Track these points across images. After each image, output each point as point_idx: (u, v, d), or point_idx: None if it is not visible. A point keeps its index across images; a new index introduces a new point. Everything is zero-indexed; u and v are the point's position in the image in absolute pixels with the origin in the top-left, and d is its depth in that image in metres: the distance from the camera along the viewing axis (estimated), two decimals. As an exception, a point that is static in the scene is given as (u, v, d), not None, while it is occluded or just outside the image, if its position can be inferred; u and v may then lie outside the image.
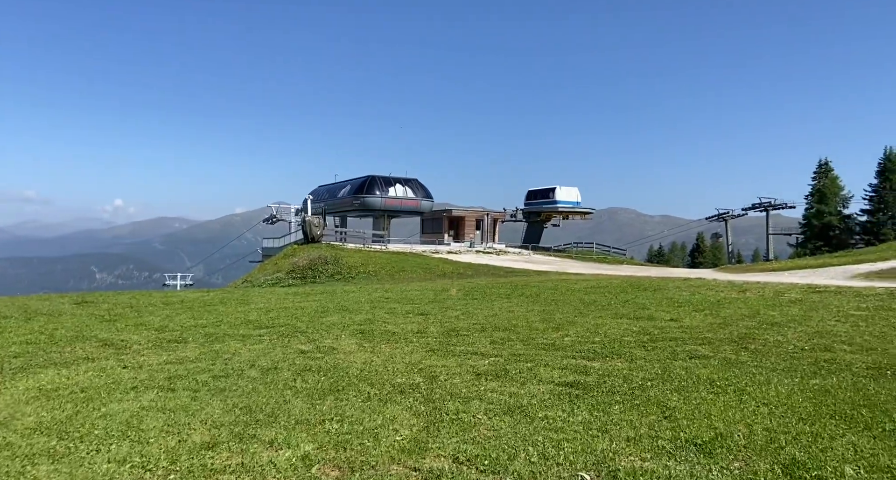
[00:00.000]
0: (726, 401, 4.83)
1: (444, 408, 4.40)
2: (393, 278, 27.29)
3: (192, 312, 10.50)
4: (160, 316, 9.90)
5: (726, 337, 7.80)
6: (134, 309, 11.07)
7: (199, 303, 12.48)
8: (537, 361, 6.28)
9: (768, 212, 52.55)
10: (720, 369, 5.99)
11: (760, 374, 5.79)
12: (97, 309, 11.13)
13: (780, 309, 10.66)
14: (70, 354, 6.19)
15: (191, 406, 4.18)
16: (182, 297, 14.05)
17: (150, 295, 15.17)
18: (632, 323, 9.05)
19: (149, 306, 11.85)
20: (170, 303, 12.47)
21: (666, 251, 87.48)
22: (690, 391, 5.17)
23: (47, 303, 12.85)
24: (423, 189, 44.50)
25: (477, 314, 10.22)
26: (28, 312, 10.61)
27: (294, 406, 4.29)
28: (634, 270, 31.71)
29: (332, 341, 7.38)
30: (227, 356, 6.21)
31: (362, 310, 10.77)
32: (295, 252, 35.62)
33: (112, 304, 12.24)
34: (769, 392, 5.14)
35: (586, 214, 52.60)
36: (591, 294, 14.08)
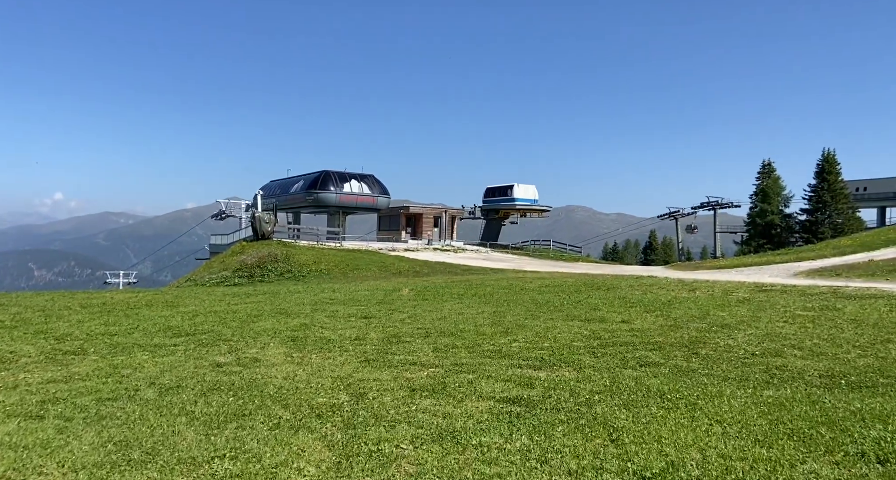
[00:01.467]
0: (677, 419, 4.43)
1: (365, 436, 3.83)
2: (346, 277, 26.46)
3: (109, 316, 9.55)
4: (70, 321, 8.93)
5: (677, 342, 7.51)
6: (44, 314, 10.02)
7: (122, 306, 11.46)
8: (480, 372, 5.78)
9: (716, 210, 54.12)
10: (671, 379, 5.64)
11: (712, 385, 5.45)
12: (3, 314, 10.02)
13: (729, 310, 10.54)
14: (-65, 372, 5.30)
15: (53, 440, 3.47)
16: (106, 299, 12.94)
17: (73, 296, 13.96)
18: (583, 326, 8.69)
19: (63, 309, 10.79)
20: (88, 306, 11.40)
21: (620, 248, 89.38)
22: (640, 406, 4.76)
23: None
24: (379, 185, 43.61)
25: (424, 317, 9.67)
26: (-82, 318, 9.42)
27: (183, 439, 3.62)
28: (589, 268, 31.87)
29: (257, 351, 6.68)
30: (127, 371, 5.45)
31: (301, 314, 10.06)
32: (243, 249, 34.20)
33: (22, 307, 11.09)
34: (722, 406, 4.78)
35: (543, 212, 52.83)
36: (545, 293, 13.75)
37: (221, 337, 7.56)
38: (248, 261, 30.58)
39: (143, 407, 4.27)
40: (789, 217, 55.33)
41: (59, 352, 6.33)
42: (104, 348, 6.63)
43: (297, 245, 34.67)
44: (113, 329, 8.15)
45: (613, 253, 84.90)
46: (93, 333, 7.66)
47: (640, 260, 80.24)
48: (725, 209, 55.11)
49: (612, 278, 18.92)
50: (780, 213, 55.11)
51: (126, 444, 3.47)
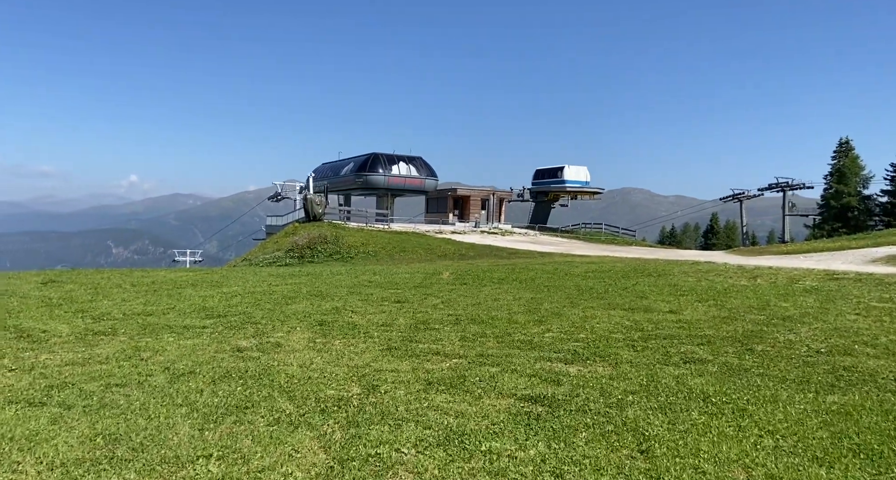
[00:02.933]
0: (721, 428, 3.92)
1: (366, 437, 3.55)
2: (392, 258, 26.49)
3: (152, 296, 9.74)
4: (114, 300, 9.16)
5: (730, 335, 6.86)
6: (94, 292, 10.36)
7: (169, 285, 11.73)
8: (505, 365, 5.40)
9: (785, 192, 50.78)
10: (718, 379, 5.08)
11: (766, 387, 4.87)
12: (56, 291, 10.43)
13: (793, 300, 9.67)
14: (-35, 351, 5.42)
15: (42, 432, 3.37)
16: (157, 278, 13.33)
17: (129, 275, 14.48)
18: (625, 316, 8.13)
19: (114, 287, 11.14)
20: (138, 285, 11.74)
21: (678, 232, 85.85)
22: (679, 410, 4.27)
23: (13, 282, 12.20)
24: (427, 167, 43.37)
25: (458, 302, 9.35)
26: (-21, 294, 9.93)
27: (176, 434, 3.46)
28: (643, 252, 30.64)
29: (282, 335, 6.56)
30: (147, 354, 5.41)
31: (336, 297, 9.95)
32: (296, 230, 34.90)
33: (77, 285, 11.54)
34: (776, 413, 4.22)
35: (595, 194, 51.23)
36: (589, 279, 13.14)
37: (251, 319, 7.50)
38: (300, 242, 31.15)
39: (149, 396, 4.16)
40: (868, 199, 51.37)
41: (90, 333, 6.41)
42: (135, 329, 6.68)
43: (346, 226, 35.05)
44: (150, 308, 8.26)
45: (671, 237, 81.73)
46: (130, 313, 7.78)
47: (699, 244, 76.94)
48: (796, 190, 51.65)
49: (664, 263, 17.98)
50: (858, 195, 51.23)
51: (115, 438, 3.33)
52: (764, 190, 51.45)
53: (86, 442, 3.25)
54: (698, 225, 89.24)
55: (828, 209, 52.49)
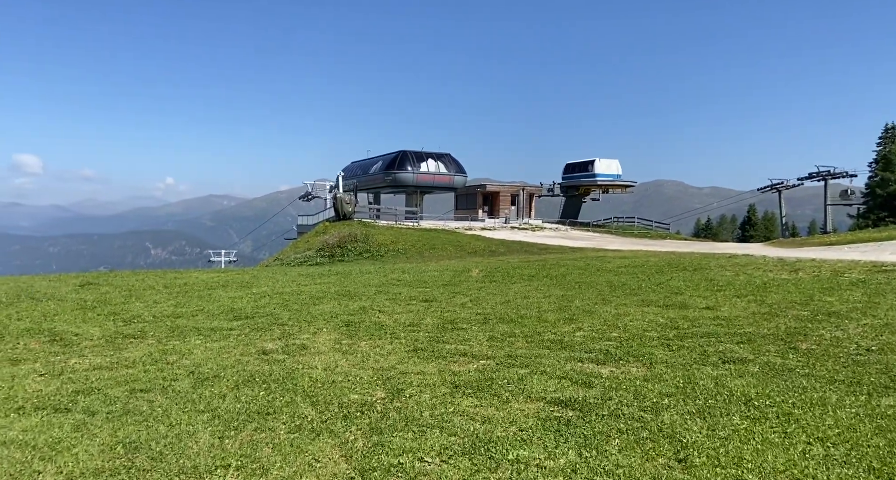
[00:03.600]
0: (765, 435, 3.68)
1: (389, 445, 3.44)
2: (422, 256, 26.46)
3: (183, 298, 9.87)
4: (147, 302, 9.30)
5: (771, 333, 6.53)
6: (128, 294, 10.55)
7: (201, 287, 11.89)
8: (535, 366, 5.23)
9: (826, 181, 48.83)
10: (760, 380, 4.81)
11: (813, 389, 4.58)
12: (92, 294, 10.66)
13: (838, 294, 9.19)
14: (1, 353, 5.52)
15: (65, 440, 3.36)
16: (189, 279, 13.54)
17: (163, 276, 14.77)
18: (659, 313, 7.84)
19: (147, 289, 11.34)
20: (170, 286, 11.93)
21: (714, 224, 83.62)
22: (718, 415, 4.03)
23: (53, 284, 12.54)
24: (455, 164, 43.20)
25: (487, 301, 9.19)
26: (20, 295, 10.21)
27: (196, 442, 3.41)
28: (677, 246, 29.88)
29: (308, 336, 6.52)
30: (173, 358, 5.42)
31: (364, 296, 9.91)
32: (326, 229, 35.21)
33: (112, 287, 11.79)
34: (825, 418, 3.95)
35: (627, 187, 50.22)
36: (622, 275, 12.80)
37: (278, 320, 7.49)
38: (330, 241, 31.41)
39: (172, 401, 4.14)
40: (917, 186, 48.94)
41: (120, 336, 6.48)
42: (164, 331, 6.73)
43: (376, 225, 35.20)
44: (180, 310, 8.35)
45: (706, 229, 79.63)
46: (160, 315, 7.86)
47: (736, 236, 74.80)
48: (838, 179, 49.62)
49: (700, 257, 17.43)
50: (906, 182, 48.91)
51: (136, 447, 3.30)
52: (804, 179, 49.60)
53: (106, 451, 3.22)
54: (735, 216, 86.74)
55: (873, 197, 50.29)
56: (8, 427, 3.56)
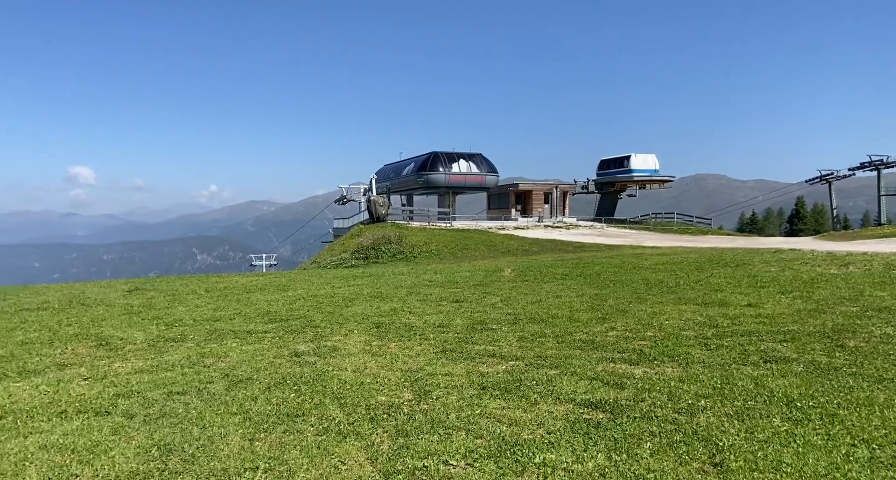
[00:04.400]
0: (807, 437, 3.52)
1: (415, 447, 3.43)
2: (455, 256, 26.47)
3: (222, 301, 10.13)
4: (188, 306, 9.58)
5: (817, 330, 6.25)
6: (171, 298, 10.90)
7: (240, 290, 12.20)
8: (565, 367, 5.15)
9: (880, 170, 46.51)
10: (804, 380, 4.60)
11: (860, 389, 4.36)
12: (138, 299, 11.07)
13: (891, 289, 8.76)
14: (50, 358, 5.79)
15: (103, 443, 3.48)
16: (229, 283, 13.90)
17: (205, 280, 15.22)
18: (697, 311, 7.62)
19: (190, 294, 11.69)
20: (212, 290, 12.28)
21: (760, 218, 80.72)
22: (758, 417, 3.88)
23: (104, 290, 13.07)
24: (487, 163, 43.08)
25: (518, 300, 9.11)
26: (72, 301, 10.69)
27: (227, 444, 3.48)
28: (719, 241, 29.04)
29: (339, 338, 6.59)
30: (210, 361, 5.57)
31: (395, 298, 9.97)
32: (361, 232, 35.64)
33: (158, 292, 12.21)
34: (871, 419, 3.75)
35: (665, 182, 49.07)
36: (659, 272, 12.50)
37: (311, 322, 7.61)
38: (364, 243, 31.77)
39: (206, 403, 4.24)
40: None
41: (162, 339, 6.70)
42: (202, 335, 6.92)
43: (409, 226, 35.40)
44: (219, 314, 8.57)
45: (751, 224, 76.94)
46: (200, 319, 8.09)
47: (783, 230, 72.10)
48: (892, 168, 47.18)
49: (743, 253, 16.88)
50: (967, 169, 46.11)
51: (170, 449, 3.39)
52: (855, 169, 47.40)
53: (141, 454, 3.33)
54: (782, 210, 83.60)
55: (931, 186, 47.59)
56: (50, 431, 3.71)
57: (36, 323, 8.05)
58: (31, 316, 8.85)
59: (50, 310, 9.44)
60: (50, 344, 6.45)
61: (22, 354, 5.94)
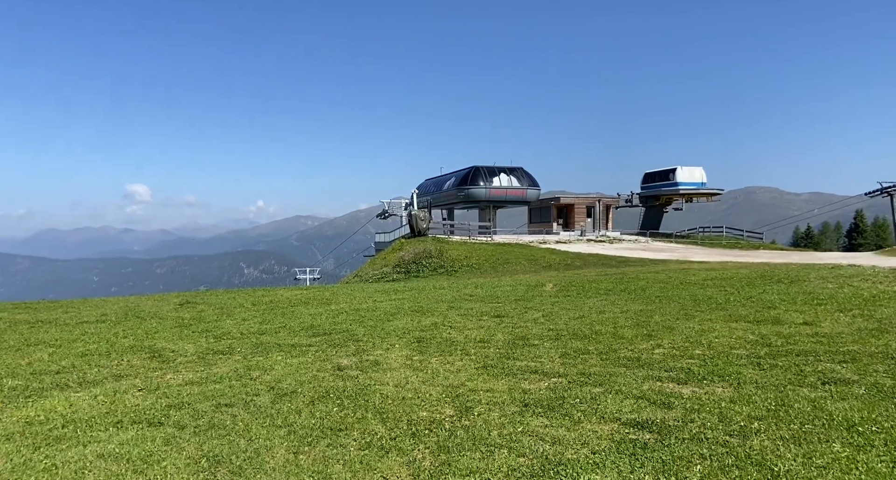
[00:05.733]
0: (870, 464, 3.32)
1: (456, 464, 3.42)
2: (496, 270, 26.35)
3: (268, 315, 10.39)
4: (236, 319, 9.87)
5: (879, 351, 5.92)
6: (220, 312, 11.25)
7: (285, 304, 12.49)
8: (609, 385, 5.04)
9: (948, 180, 43.83)
10: (866, 403, 4.35)
11: (930, 414, 4.09)
12: (189, 312, 11.47)
13: (963, 308, 8.21)
14: (107, 370, 6.05)
15: (155, 453, 3.61)
16: (275, 297, 14.25)
17: (252, 294, 15.66)
18: (749, 329, 7.33)
19: (237, 307, 12.04)
20: (258, 304, 12.61)
21: (816, 232, 77.16)
22: (815, 441, 3.69)
23: (157, 303, 13.61)
24: (528, 177, 42.92)
25: (560, 316, 8.98)
26: (127, 314, 11.17)
27: (272, 457, 3.55)
28: (772, 256, 27.93)
29: (381, 352, 6.65)
30: (256, 373, 5.71)
31: (436, 312, 9.99)
32: (402, 246, 35.99)
33: (207, 305, 12.63)
34: (943, 448, 3.51)
35: (713, 196, 47.68)
36: (708, 288, 12.11)
37: (353, 336, 7.70)
38: (406, 258, 32.04)
39: (253, 416, 4.35)
40: None
41: (211, 352, 6.91)
42: (248, 348, 7.10)
43: (450, 240, 35.52)
44: (265, 327, 8.79)
45: (806, 238, 73.63)
46: (247, 332, 8.31)
47: (841, 245, 68.73)
48: (961, 177, 44.38)
49: (798, 268, 16.19)
50: None
51: (218, 460, 3.49)
52: (920, 179, 44.85)
53: (191, 464, 3.43)
54: (839, 223, 79.74)
55: None
56: (107, 440, 3.88)
57: (95, 335, 8.45)
58: (90, 328, 9.29)
59: (108, 323, 9.89)
60: (108, 356, 6.75)
61: (82, 365, 6.24)
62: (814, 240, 71.54)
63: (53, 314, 11.63)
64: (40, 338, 8.25)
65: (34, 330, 9.18)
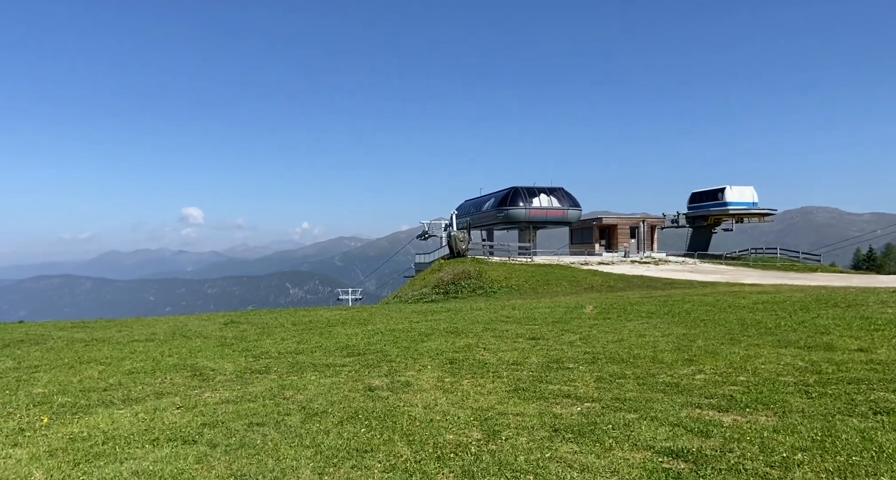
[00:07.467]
0: (924, 503, 3.09)
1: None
2: (535, 292, 26.05)
3: (306, 335, 10.57)
4: (275, 339, 10.08)
5: (942, 380, 5.52)
6: (261, 331, 11.52)
7: (323, 324, 12.68)
8: (644, 411, 4.88)
9: None
10: (923, 436, 4.06)
11: None
12: (232, 331, 11.80)
13: None
14: (151, 387, 6.27)
15: (187, 471, 3.70)
16: (314, 317, 14.50)
17: (293, 314, 16.00)
18: (799, 355, 6.98)
19: (278, 327, 12.31)
20: (298, 324, 12.86)
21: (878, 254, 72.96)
22: (863, 475, 3.46)
23: (204, 323, 14.05)
24: (569, 198, 42.49)
25: (598, 339, 8.78)
26: (175, 333, 11.59)
27: (297, 477, 3.58)
28: (830, 279, 26.60)
29: (413, 373, 6.65)
30: (289, 393, 5.80)
31: (471, 333, 9.94)
32: (441, 267, 36.08)
33: (250, 325, 12.96)
34: None
35: (765, 216, 45.91)
36: (758, 312, 11.62)
37: (387, 357, 7.74)
38: (445, 278, 32.08)
39: (282, 435, 4.41)
40: None
41: (248, 371, 7.07)
42: (284, 367, 7.24)
43: (489, 261, 35.38)
44: (302, 346, 8.95)
45: (868, 260, 69.68)
46: (284, 352, 8.48)
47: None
48: None
49: (856, 292, 15.36)
50: None
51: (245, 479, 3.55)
52: None
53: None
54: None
55: None
56: (143, 457, 4.01)
57: (143, 353, 8.79)
58: (139, 346, 9.68)
59: (156, 342, 10.28)
60: (152, 374, 7.01)
61: (128, 383, 6.49)
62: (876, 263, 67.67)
63: (108, 333, 12.18)
64: (93, 356, 8.64)
65: (88, 348, 9.63)
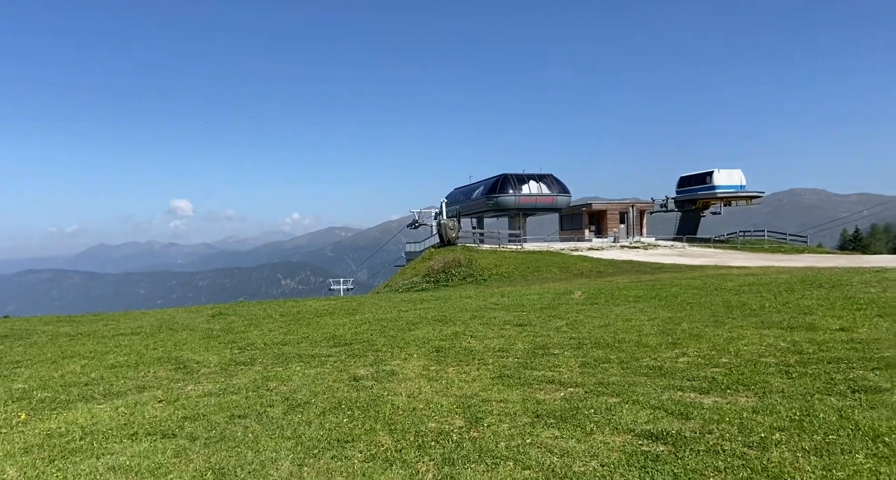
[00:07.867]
0: (892, 475, 3.15)
1: (459, 477, 3.38)
2: (526, 279, 26.11)
3: (293, 326, 10.53)
4: (262, 330, 10.03)
5: (921, 358, 5.59)
6: (249, 323, 11.46)
7: (311, 314, 12.63)
8: (627, 395, 4.90)
9: None
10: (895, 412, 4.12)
11: (967, 425, 3.83)
12: (219, 323, 11.73)
13: None
14: (133, 381, 6.22)
15: (164, 466, 3.67)
16: (302, 308, 14.43)
17: (282, 305, 15.91)
18: (781, 336, 7.04)
19: (266, 318, 12.25)
20: (286, 315, 12.80)
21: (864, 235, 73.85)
22: (838, 453, 3.50)
23: (191, 315, 13.96)
24: (558, 184, 42.50)
25: (584, 324, 8.82)
26: (161, 326, 11.50)
27: (277, 469, 3.58)
28: (816, 260, 26.89)
29: (399, 362, 6.65)
30: (273, 384, 5.78)
31: (458, 321, 9.94)
32: (431, 255, 36.04)
33: (238, 317, 12.88)
34: (980, 462, 3.28)
35: (753, 199, 46.22)
36: (744, 294, 11.72)
37: (373, 346, 7.73)
38: (435, 267, 32.06)
39: (264, 427, 4.39)
40: None
41: (233, 363, 7.03)
42: (270, 358, 7.20)
43: (479, 249, 35.38)
44: (288, 338, 8.91)
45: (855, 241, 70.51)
46: (270, 343, 8.44)
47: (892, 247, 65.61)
48: None
49: (841, 272, 15.53)
50: None
51: (223, 473, 3.53)
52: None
53: (197, 477, 3.49)
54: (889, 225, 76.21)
55: None
56: (120, 452, 3.98)
57: (127, 347, 8.72)
58: (124, 340, 9.60)
59: (141, 335, 10.19)
60: (135, 368, 6.95)
61: (110, 377, 6.44)
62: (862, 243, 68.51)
63: (94, 327, 12.07)
64: (76, 350, 8.56)
65: (72, 343, 9.53)
